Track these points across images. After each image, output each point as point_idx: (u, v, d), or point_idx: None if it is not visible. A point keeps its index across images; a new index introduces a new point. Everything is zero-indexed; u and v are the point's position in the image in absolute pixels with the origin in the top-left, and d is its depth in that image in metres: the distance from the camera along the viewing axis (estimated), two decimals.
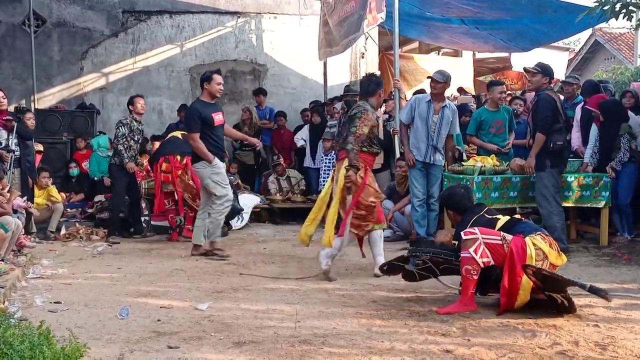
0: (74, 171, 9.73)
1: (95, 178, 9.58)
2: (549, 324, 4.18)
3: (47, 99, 11.15)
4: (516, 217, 4.85)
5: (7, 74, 10.99)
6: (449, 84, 7.21)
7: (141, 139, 8.41)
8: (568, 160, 6.89)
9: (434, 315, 4.40)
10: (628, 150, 7.09)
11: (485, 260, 4.38)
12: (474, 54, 13.33)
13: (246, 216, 8.95)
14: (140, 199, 8.41)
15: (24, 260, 6.10)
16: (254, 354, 3.59)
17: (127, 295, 4.99)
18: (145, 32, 11.46)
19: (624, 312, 4.49)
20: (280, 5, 11.83)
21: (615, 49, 22.00)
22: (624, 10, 5.72)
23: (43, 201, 8.29)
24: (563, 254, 4.63)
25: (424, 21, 10.63)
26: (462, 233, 4.48)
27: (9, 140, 7.33)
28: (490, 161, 6.94)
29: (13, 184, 7.06)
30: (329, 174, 9.10)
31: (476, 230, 4.47)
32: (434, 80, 7.05)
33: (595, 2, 5.83)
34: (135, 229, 8.28)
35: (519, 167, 6.81)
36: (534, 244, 4.39)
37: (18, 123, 7.51)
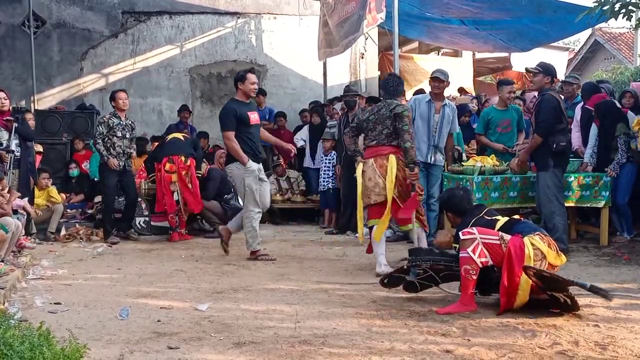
0: (74, 172, 9.72)
1: (95, 179, 9.53)
2: (549, 324, 4.18)
3: (47, 99, 11.17)
4: (515, 218, 4.84)
5: (7, 75, 11.01)
6: (449, 83, 7.24)
7: (132, 134, 8.14)
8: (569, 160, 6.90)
9: (434, 315, 4.40)
10: (625, 151, 7.09)
11: (483, 260, 4.38)
12: (474, 54, 13.33)
13: None
14: (136, 200, 8.30)
15: (24, 261, 6.09)
16: (254, 355, 3.59)
17: (127, 296, 4.99)
18: (145, 33, 11.47)
19: (624, 312, 4.49)
20: (280, 5, 11.83)
21: (615, 49, 21.99)
22: (624, 10, 5.74)
23: (43, 202, 8.30)
24: (562, 254, 4.62)
25: (424, 21, 10.63)
26: (460, 233, 4.48)
27: (10, 141, 7.32)
28: (490, 161, 6.94)
29: (13, 185, 7.06)
30: (329, 174, 9.23)
31: (474, 230, 4.47)
32: (437, 80, 7.04)
33: (595, 2, 5.85)
34: (119, 227, 8.07)
35: (518, 167, 6.83)
36: (532, 244, 4.39)
37: (20, 124, 7.50)
